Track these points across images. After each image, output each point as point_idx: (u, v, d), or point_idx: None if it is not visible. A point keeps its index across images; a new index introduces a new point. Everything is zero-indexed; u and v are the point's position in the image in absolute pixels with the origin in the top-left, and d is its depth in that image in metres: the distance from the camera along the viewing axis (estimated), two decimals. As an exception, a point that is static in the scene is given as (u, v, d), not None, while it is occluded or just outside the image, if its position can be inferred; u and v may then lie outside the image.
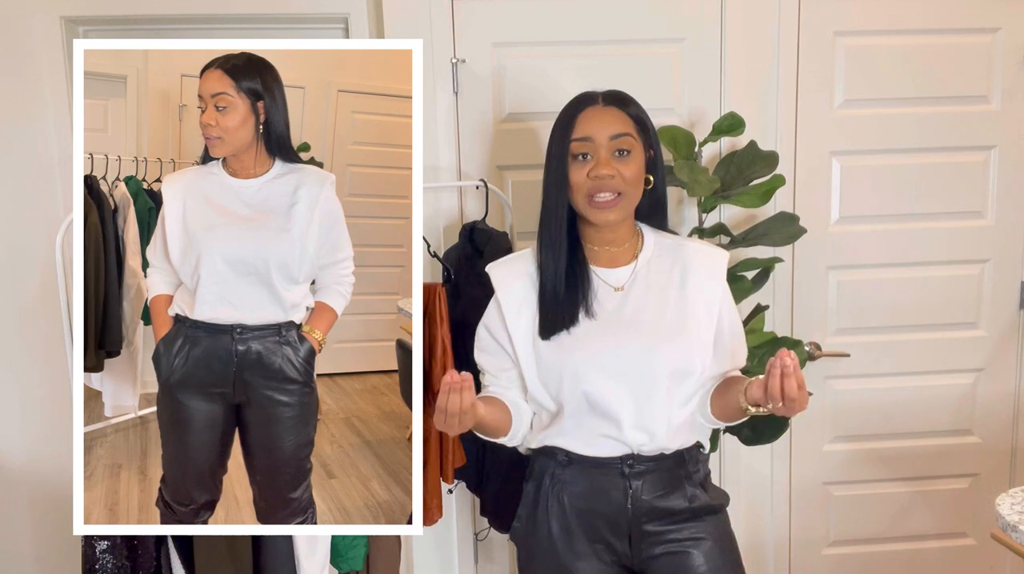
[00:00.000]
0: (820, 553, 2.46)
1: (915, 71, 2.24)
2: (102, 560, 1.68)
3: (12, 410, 2.22)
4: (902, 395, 2.38)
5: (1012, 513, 1.43)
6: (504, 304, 1.49)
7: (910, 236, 2.31)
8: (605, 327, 1.45)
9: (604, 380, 1.42)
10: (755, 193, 1.95)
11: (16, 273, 2.17)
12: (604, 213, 1.43)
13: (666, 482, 1.45)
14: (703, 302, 1.47)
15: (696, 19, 2.18)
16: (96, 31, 2.21)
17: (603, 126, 1.43)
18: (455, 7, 2.13)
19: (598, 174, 1.41)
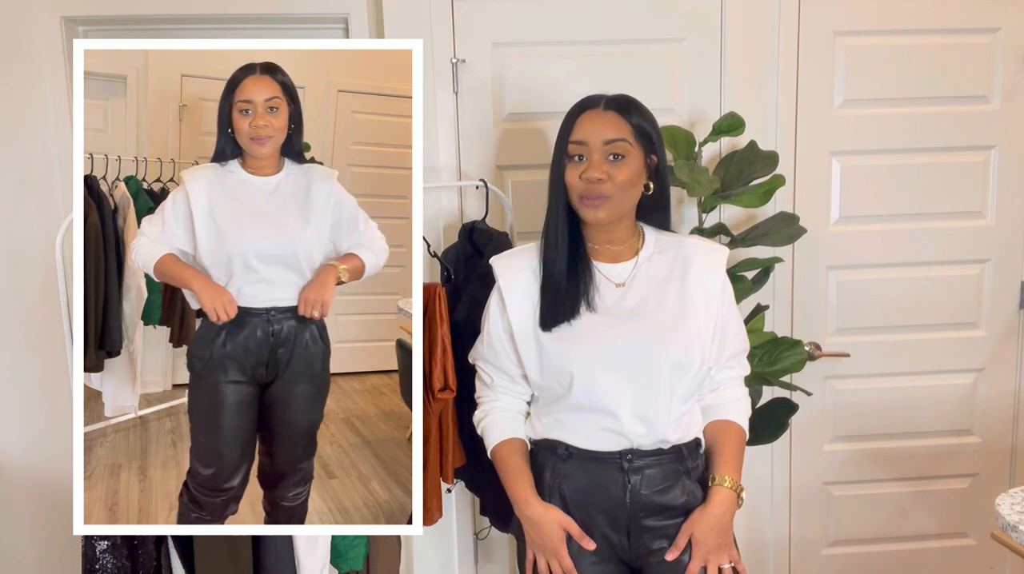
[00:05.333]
0: (820, 553, 2.46)
1: (915, 71, 2.24)
2: (102, 560, 1.68)
3: (12, 410, 2.22)
4: (902, 395, 2.38)
5: (1012, 513, 1.43)
6: (506, 294, 1.51)
7: (910, 236, 2.31)
8: (606, 320, 1.46)
9: (604, 373, 1.43)
10: (755, 193, 1.95)
11: (16, 273, 2.17)
12: (593, 212, 1.46)
13: (665, 477, 1.46)
14: (703, 295, 1.48)
15: (696, 19, 2.18)
16: (96, 31, 2.21)
17: (598, 131, 1.45)
18: (455, 7, 2.13)
19: (588, 177, 1.44)
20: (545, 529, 1.46)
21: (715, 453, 1.52)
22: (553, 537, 1.46)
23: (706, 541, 1.44)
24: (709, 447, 1.54)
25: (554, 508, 1.48)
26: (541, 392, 1.53)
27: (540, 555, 1.49)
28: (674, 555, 1.44)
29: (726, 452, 1.51)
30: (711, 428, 1.54)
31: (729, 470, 1.49)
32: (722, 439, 1.53)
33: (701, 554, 1.44)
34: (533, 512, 1.48)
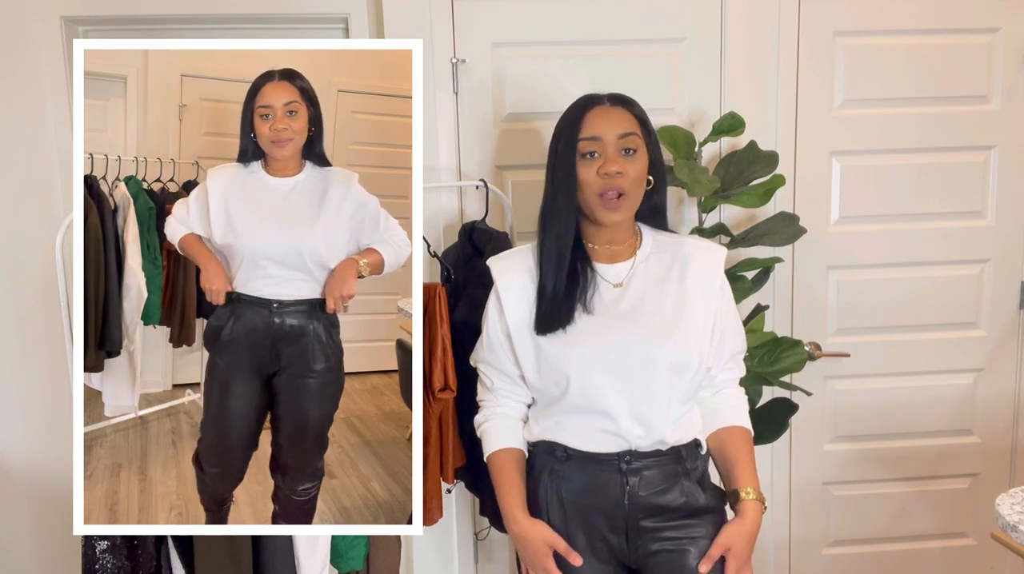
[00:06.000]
0: (820, 553, 2.46)
1: (915, 71, 2.24)
2: (102, 560, 1.68)
3: (12, 410, 2.22)
4: (902, 395, 2.38)
5: (1012, 513, 1.43)
6: (504, 296, 1.51)
7: (910, 236, 2.31)
8: (603, 322, 1.45)
9: (601, 374, 1.43)
10: (755, 193, 1.95)
11: (16, 273, 2.18)
12: (612, 213, 1.45)
13: (663, 478, 1.46)
14: (701, 295, 1.48)
15: (696, 19, 2.18)
16: (96, 31, 2.21)
17: (611, 125, 1.44)
18: (455, 7, 2.13)
19: (607, 171, 1.42)
20: (531, 546, 1.47)
21: (732, 463, 1.52)
22: (539, 554, 1.46)
23: (742, 554, 1.46)
24: (721, 456, 1.54)
25: (540, 523, 1.48)
26: (539, 394, 1.53)
27: (531, 569, 1.50)
28: (708, 567, 1.45)
29: (742, 461, 1.51)
30: (719, 436, 1.54)
31: (750, 480, 1.50)
32: (735, 447, 1.52)
33: (735, 566, 1.45)
34: (520, 528, 1.48)
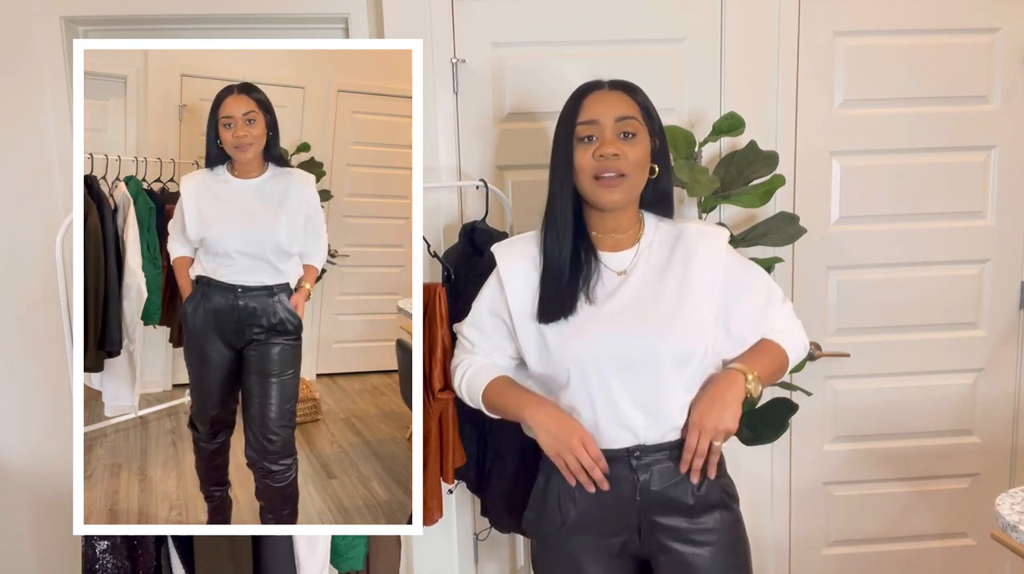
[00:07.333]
0: (820, 553, 2.46)
1: (915, 71, 2.24)
2: (102, 560, 1.68)
3: (12, 410, 2.22)
4: (902, 395, 2.38)
5: (1012, 513, 1.43)
6: (507, 281, 1.51)
7: (910, 236, 2.31)
8: (605, 313, 1.45)
9: (605, 366, 1.42)
10: (755, 193, 1.95)
11: (16, 273, 2.18)
12: (609, 193, 1.44)
13: (674, 471, 1.45)
14: (706, 282, 1.47)
15: (696, 19, 2.18)
16: (96, 31, 2.21)
17: (608, 108, 1.45)
18: (455, 7, 2.13)
19: (603, 152, 1.42)
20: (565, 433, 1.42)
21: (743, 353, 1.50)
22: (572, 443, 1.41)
23: (702, 421, 1.41)
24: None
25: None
26: (540, 383, 1.53)
27: (561, 456, 1.44)
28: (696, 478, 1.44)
29: (752, 350, 1.50)
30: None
31: (745, 359, 1.47)
32: (753, 347, 1.51)
33: (695, 430, 1.42)
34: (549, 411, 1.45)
